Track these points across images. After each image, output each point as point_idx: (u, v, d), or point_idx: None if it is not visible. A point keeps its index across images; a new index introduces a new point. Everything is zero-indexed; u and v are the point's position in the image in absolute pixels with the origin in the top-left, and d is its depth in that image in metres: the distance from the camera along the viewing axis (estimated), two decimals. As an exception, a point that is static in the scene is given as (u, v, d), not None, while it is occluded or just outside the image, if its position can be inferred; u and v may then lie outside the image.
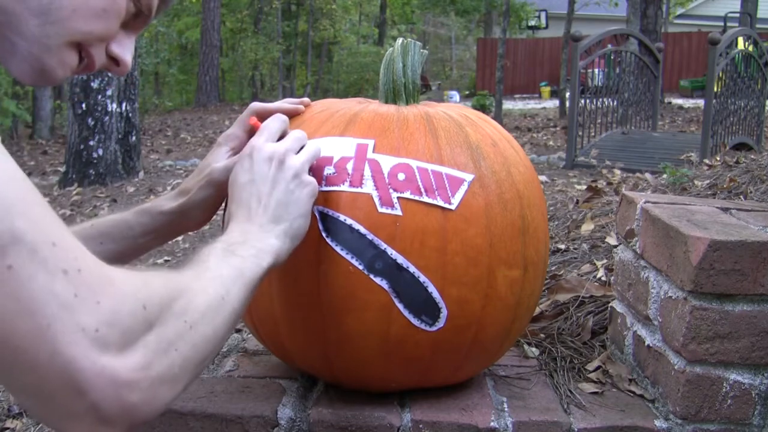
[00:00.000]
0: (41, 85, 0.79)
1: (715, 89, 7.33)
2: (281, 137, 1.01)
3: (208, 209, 1.08)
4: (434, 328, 1.01)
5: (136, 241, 1.07)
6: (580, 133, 8.27)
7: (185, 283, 0.72)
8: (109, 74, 7.76)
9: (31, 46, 0.73)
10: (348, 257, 0.99)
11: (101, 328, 0.57)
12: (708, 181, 2.52)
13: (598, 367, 1.27)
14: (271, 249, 0.89)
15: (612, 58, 9.30)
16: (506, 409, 1.11)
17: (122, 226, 1.06)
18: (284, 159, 0.95)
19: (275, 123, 1.02)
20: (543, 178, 6.44)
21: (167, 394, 0.64)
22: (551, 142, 10.93)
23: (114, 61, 0.81)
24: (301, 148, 1.00)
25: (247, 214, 0.92)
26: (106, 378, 0.58)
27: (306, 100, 1.16)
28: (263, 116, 1.13)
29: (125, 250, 1.07)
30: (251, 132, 1.13)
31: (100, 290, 0.59)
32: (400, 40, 1.17)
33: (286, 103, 1.15)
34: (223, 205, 1.12)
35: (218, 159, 1.08)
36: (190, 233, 5.37)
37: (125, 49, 0.82)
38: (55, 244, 0.57)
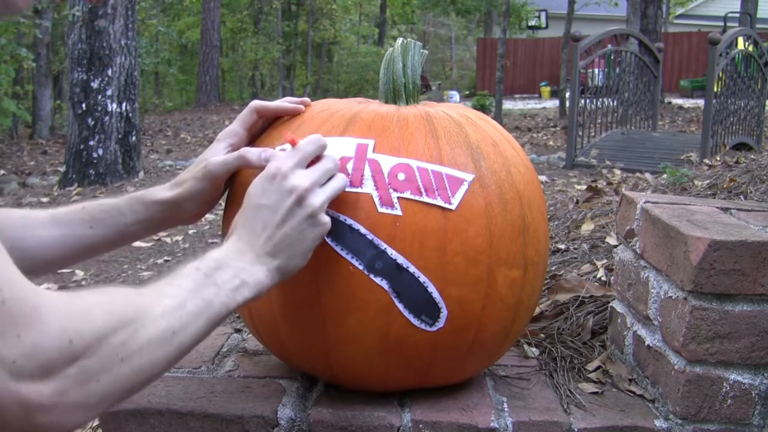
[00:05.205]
0: (2, 11, 0.74)
1: (715, 89, 7.34)
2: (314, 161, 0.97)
3: (202, 203, 1.07)
4: (434, 328, 1.01)
5: (127, 229, 1.06)
6: (580, 133, 8.28)
7: (139, 310, 0.73)
8: (109, 74, 7.76)
9: None
10: (348, 257, 0.99)
11: (18, 360, 0.60)
12: (708, 181, 2.53)
13: (598, 367, 1.27)
14: (256, 284, 0.88)
15: (612, 58, 9.30)
16: (506, 409, 1.11)
17: (114, 213, 1.06)
18: (306, 196, 0.92)
19: (311, 148, 0.97)
20: (543, 178, 6.45)
21: (81, 418, 0.67)
22: (551, 142, 10.93)
23: None
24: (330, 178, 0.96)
25: (249, 237, 0.91)
26: (19, 403, 0.61)
27: (306, 99, 1.16)
28: (264, 115, 1.13)
29: (115, 237, 1.07)
30: (251, 130, 1.13)
31: (23, 323, 0.60)
32: (400, 40, 1.17)
33: (287, 102, 1.14)
34: (222, 202, 1.12)
35: (216, 153, 1.07)
36: (189, 233, 5.38)
37: None
38: None
